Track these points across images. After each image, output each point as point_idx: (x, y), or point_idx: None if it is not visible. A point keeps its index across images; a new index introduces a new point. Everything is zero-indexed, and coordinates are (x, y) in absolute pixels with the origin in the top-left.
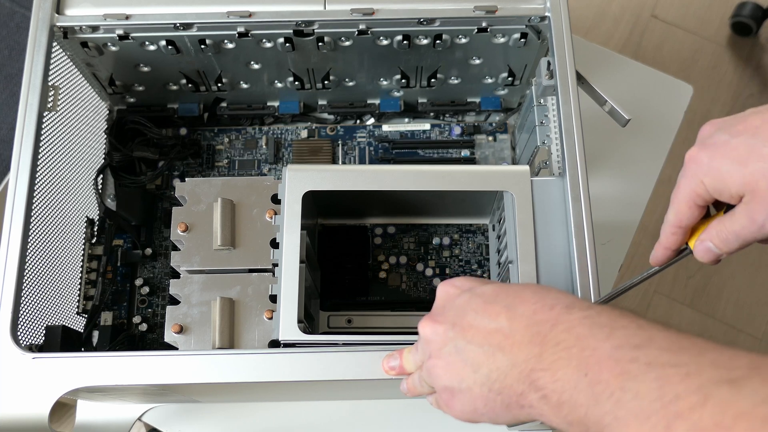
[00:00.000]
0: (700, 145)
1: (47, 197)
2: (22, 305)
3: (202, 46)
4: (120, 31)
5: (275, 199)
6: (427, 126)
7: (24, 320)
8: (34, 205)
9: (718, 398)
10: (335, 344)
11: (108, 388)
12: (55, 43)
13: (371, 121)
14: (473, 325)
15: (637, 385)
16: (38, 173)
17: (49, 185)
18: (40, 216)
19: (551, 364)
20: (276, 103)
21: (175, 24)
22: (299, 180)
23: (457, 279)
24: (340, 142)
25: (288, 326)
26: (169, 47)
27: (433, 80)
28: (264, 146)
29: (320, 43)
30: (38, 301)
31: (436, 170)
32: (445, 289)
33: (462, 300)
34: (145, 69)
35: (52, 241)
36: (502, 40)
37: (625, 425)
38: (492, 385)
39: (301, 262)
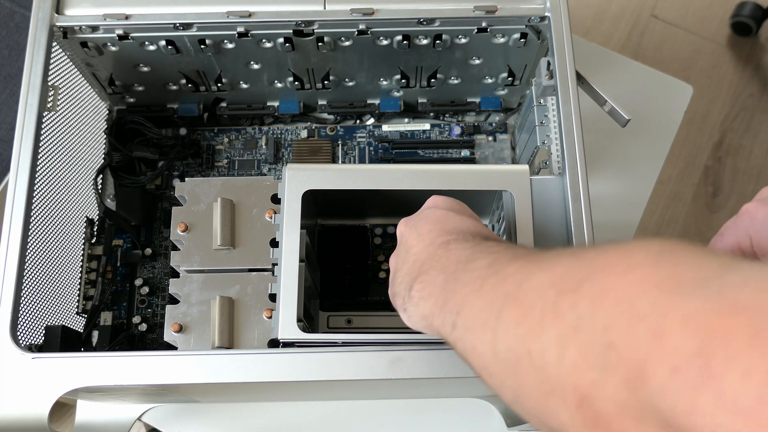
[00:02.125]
0: (760, 201)
1: (47, 197)
2: (22, 305)
3: (202, 46)
4: (120, 31)
5: (275, 199)
6: (427, 126)
7: (24, 320)
8: (34, 205)
9: (524, 257)
10: (335, 344)
11: (108, 388)
12: (54, 43)
13: (371, 121)
14: (410, 236)
15: (475, 263)
16: (38, 173)
17: (48, 185)
18: (40, 216)
19: (424, 272)
20: (276, 103)
21: (174, 24)
22: (299, 179)
23: (441, 197)
24: (340, 142)
25: (287, 325)
26: (169, 47)
27: (433, 80)
28: (264, 146)
29: (320, 43)
30: (38, 301)
31: (437, 170)
32: (428, 201)
33: (422, 214)
34: (145, 69)
35: (52, 241)
36: (502, 40)
37: (456, 294)
38: (396, 288)
39: (301, 261)
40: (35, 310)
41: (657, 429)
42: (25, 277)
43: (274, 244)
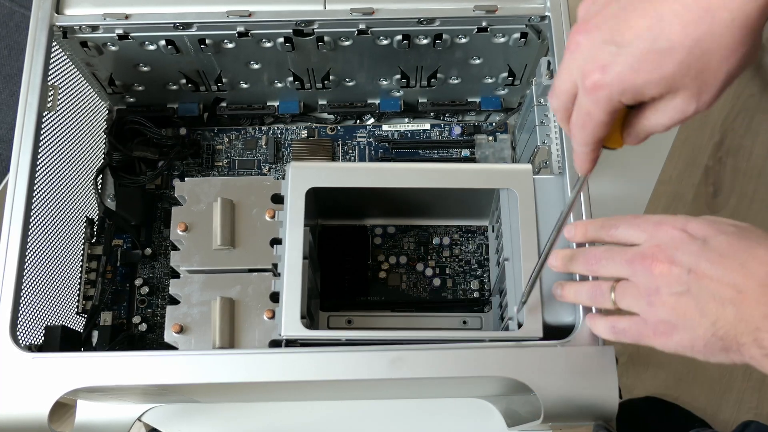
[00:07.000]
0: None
1: (47, 197)
2: (22, 305)
3: (202, 46)
4: (120, 31)
5: (275, 199)
6: (427, 126)
7: (23, 320)
8: (34, 205)
9: None
10: (337, 342)
11: (108, 388)
12: (54, 43)
13: (371, 121)
14: (708, 275)
15: None
16: (38, 173)
17: (48, 185)
18: (40, 216)
19: None
20: (276, 103)
21: (174, 24)
22: (303, 176)
23: (696, 221)
24: (340, 142)
25: (291, 322)
26: (169, 47)
27: (433, 80)
28: (264, 146)
29: (320, 43)
30: (38, 301)
31: (441, 168)
32: (672, 234)
33: (695, 247)
34: (145, 69)
35: (52, 241)
36: (502, 39)
37: None
38: (717, 331)
39: (305, 258)
40: (35, 310)
41: None
42: (25, 277)
43: (274, 243)
